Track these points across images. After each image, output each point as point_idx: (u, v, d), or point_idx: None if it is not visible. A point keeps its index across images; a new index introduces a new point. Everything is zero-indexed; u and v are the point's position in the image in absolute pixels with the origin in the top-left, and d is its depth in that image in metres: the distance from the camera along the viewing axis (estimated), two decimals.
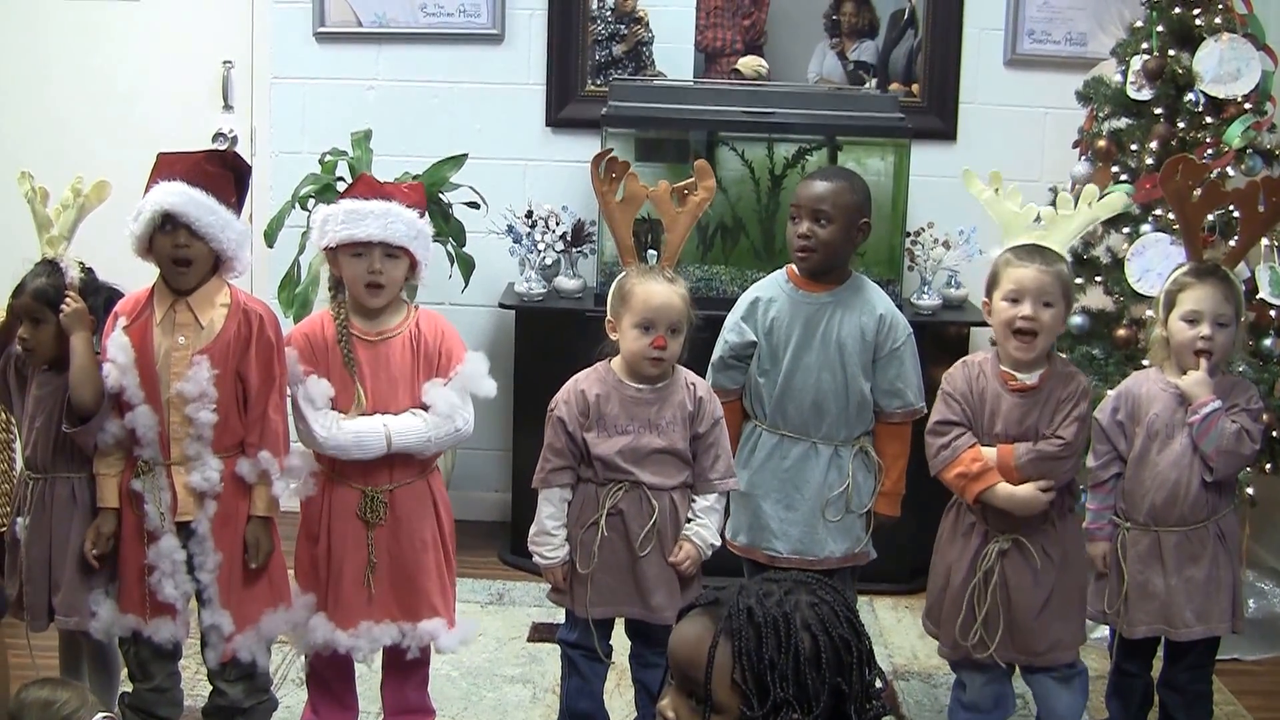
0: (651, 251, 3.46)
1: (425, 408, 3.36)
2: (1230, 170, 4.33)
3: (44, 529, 3.33)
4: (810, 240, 3.53)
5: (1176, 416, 3.42)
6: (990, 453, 3.37)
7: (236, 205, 3.29)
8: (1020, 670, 3.49)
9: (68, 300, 3.23)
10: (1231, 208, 3.76)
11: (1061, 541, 3.38)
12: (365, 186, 3.39)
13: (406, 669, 3.53)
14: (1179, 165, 3.51)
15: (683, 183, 3.53)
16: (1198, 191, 3.49)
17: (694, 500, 3.40)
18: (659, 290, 3.29)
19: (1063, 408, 3.32)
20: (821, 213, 3.52)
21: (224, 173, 3.27)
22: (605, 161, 3.52)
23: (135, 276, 3.36)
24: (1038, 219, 3.45)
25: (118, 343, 3.20)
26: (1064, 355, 3.76)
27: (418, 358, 3.37)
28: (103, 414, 3.22)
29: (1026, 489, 3.31)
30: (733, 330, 3.66)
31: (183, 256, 3.20)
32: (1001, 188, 3.47)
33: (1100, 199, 3.45)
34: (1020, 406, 3.35)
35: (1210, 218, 4.03)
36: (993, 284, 3.40)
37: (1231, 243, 3.71)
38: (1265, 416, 3.57)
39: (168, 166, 3.24)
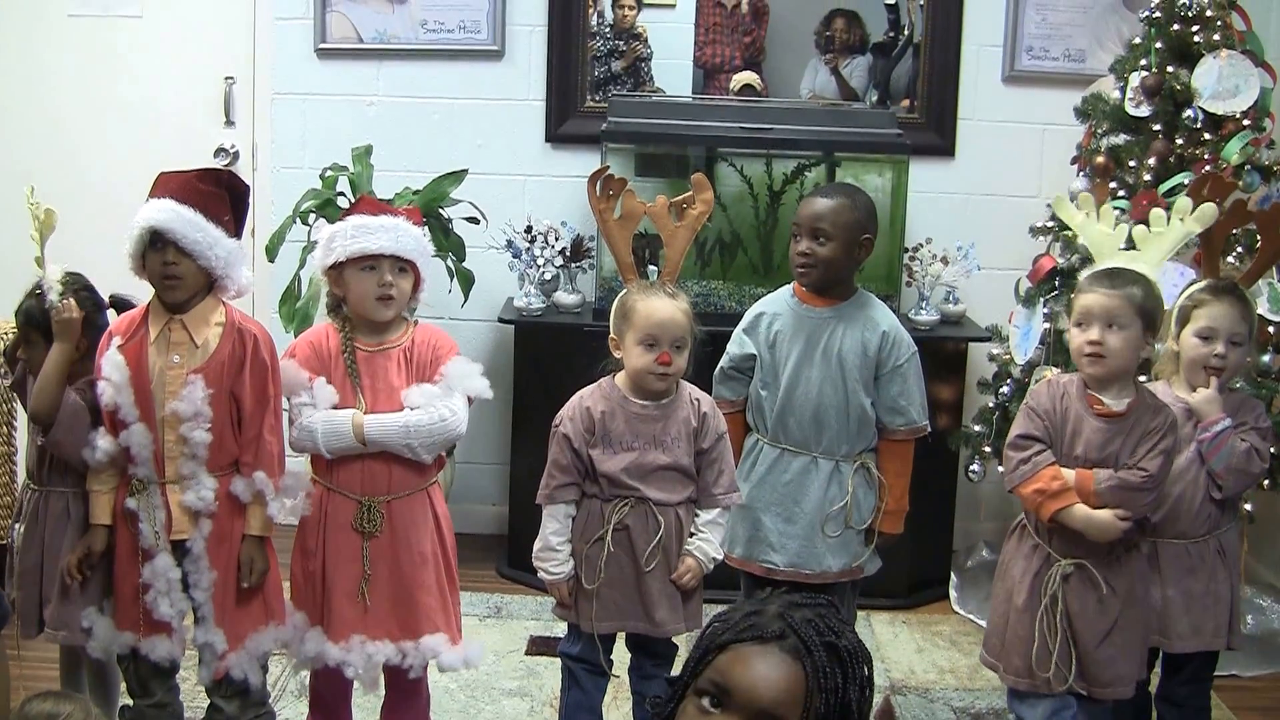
0: (652, 267, 3.47)
1: None
2: None
3: (36, 539, 3.35)
4: (810, 258, 3.54)
5: (1183, 431, 3.41)
6: (1069, 474, 3.27)
7: (231, 223, 3.28)
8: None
9: (62, 306, 3.23)
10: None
11: (1127, 575, 3.28)
12: (369, 205, 3.42)
13: (408, 692, 3.51)
14: (1206, 183, 3.51)
15: (680, 197, 3.54)
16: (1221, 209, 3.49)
17: (697, 515, 3.40)
18: (661, 307, 3.29)
19: (1148, 439, 3.21)
20: (820, 230, 3.53)
21: (216, 191, 3.26)
22: (602, 179, 3.53)
23: (140, 292, 3.37)
24: (1129, 241, 3.41)
25: (112, 361, 3.20)
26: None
27: (411, 367, 3.38)
28: (61, 428, 3.22)
29: (1104, 514, 3.21)
30: (735, 342, 3.69)
31: (170, 273, 3.20)
32: (1092, 211, 3.42)
33: (1193, 213, 3.35)
34: (1104, 432, 3.25)
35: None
36: (1071, 311, 3.34)
37: (1224, 256, 3.72)
38: None
39: (162, 185, 3.25)
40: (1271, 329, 4.24)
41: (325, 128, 5.28)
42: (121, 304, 3.41)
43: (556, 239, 4.98)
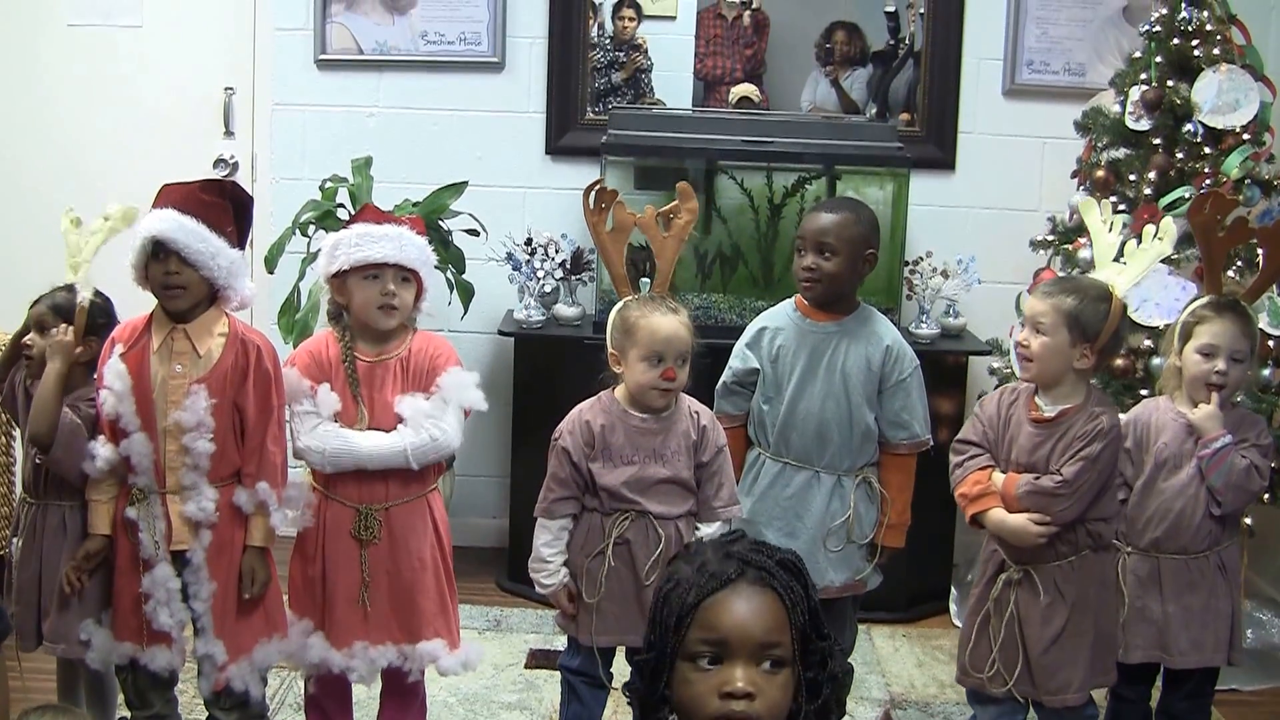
0: (645, 280, 3.46)
1: None
2: None
3: (34, 553, 3.36)
4: (815, 272, 3.54)
5: (1185, 446, 3.43)
6: (999, 478, 3.35)
7: (234, 234, 3.28)
8: (1031, 704, 3.42)
9: (57, 329, 3.25)
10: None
11: (1078, 582, 3.30)
12: (372, 214, 3.42)
13: (405, 695, 3.52)
14: (1209, 199, 3.52)
15: (666, 207, 3.54)
16: (1224, 225, 3.50)
17: (697, 528, 3.40)
18: (665, 323, 3.29)
19: (1074, 445, 3.24)
20: (826, 245, 3.53)
21: (219, 201, 3.27)
22: (595, 191, 3.53)
23: (141, 303, 3.37)
24: (1120, 253, 3.44)
25: (114, 370, 3.20)
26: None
27: (408, 376, 3.39)
28: (60, 447, 3.23)
29: (1017, 519, 3.27)
30: (737, 356, 3.68)
31: (172, 284, 3.20)
32: (1110, 219, 3.45)
33: (1163, 232, 3.38)
34: (1035, 437, 3.30)
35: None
36: None
37: (1225, 271, 3.72)
38: None
39: (165, 195, 3.25)
40: (1272, 343, 4.25)
41: (325, 139, 5.27)
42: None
43: (556, 251, 4.97)
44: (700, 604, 1.87)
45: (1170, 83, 4.52)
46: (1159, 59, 4.57)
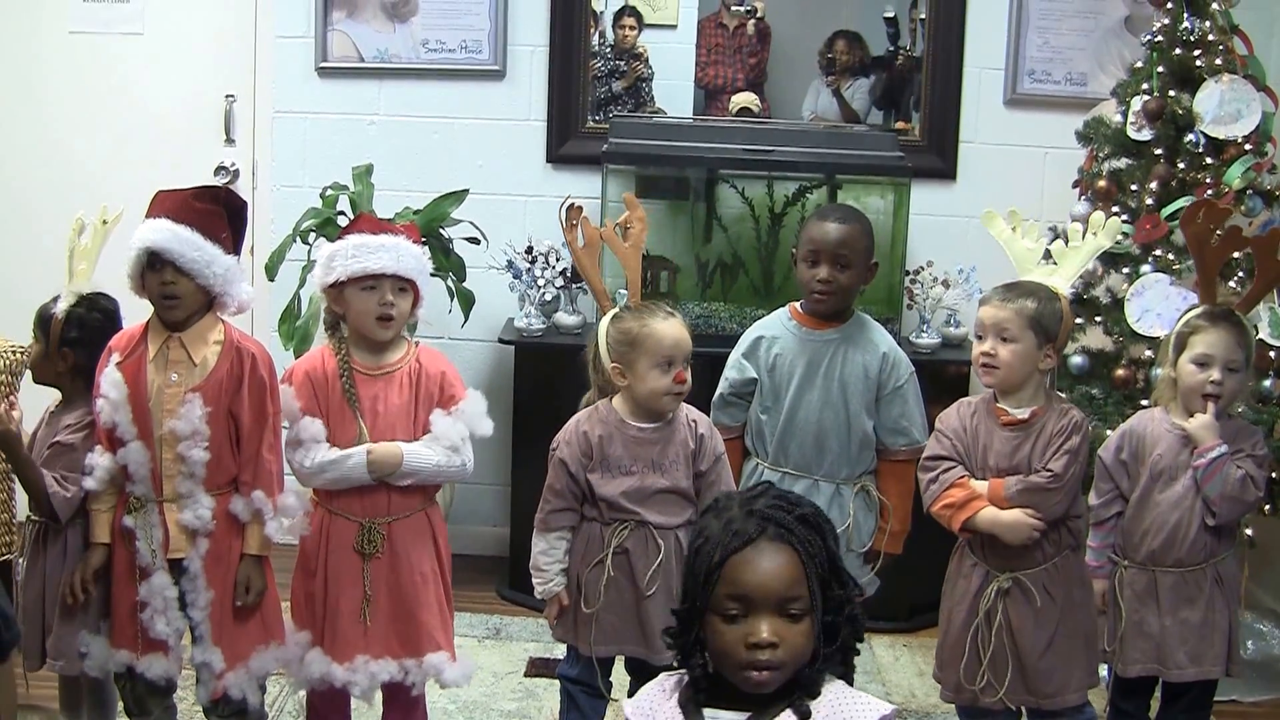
0: (621, 292, 3.47)
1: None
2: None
3: (38, 571, 3.36)
4: (831, 285, 3.55)
5: (1180, 458, 3.41)
6: (982, 486, 3.35)
7: (229, 241, 3.27)
8: (1028, 713, 3.44)
9: (1, 415, 3.22)
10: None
11: (1064, 583, 3.34)
12: (368, 224, 3.41)
13: (407, 707, 3.50)
14: (1201, 208, 3.52)
15: (621, 218, 3.55)
16: (1217, 235, 3.51)
17: None
18: (669, 327, 3.30)
19: (1054, 441, 3.30)
20: (841, 257, 3.54)
21: (214, 208, 3.26)
22: (565, 208, 3.54)
23: (141, 311, 3.37)
24: (1047, 255, 3.49)
25: (110, 379, 3.21)
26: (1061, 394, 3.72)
27: (418, 392, 3.37)
28: (59, 513, 3.28)
29: (1012, 513, 3.29)
30: (734, 367, 3.67)
31: (169, 293, 3.20)
32: (1020, 226, 3.49)
33: (1103, 228, 3.48)
34: (1011, 441, 3.34)
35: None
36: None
37: (1225, 281, 3.71)
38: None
39: (159, 204, 3.25)
40: (1272, 354, 4.24)
41: (326, 146, 5.28)
42: None
43: (557, 260, 4.97)
44: (725, 562, 2.01)
45: (1172, 93, 4.51)
46: (1161, 69, 4.56)
